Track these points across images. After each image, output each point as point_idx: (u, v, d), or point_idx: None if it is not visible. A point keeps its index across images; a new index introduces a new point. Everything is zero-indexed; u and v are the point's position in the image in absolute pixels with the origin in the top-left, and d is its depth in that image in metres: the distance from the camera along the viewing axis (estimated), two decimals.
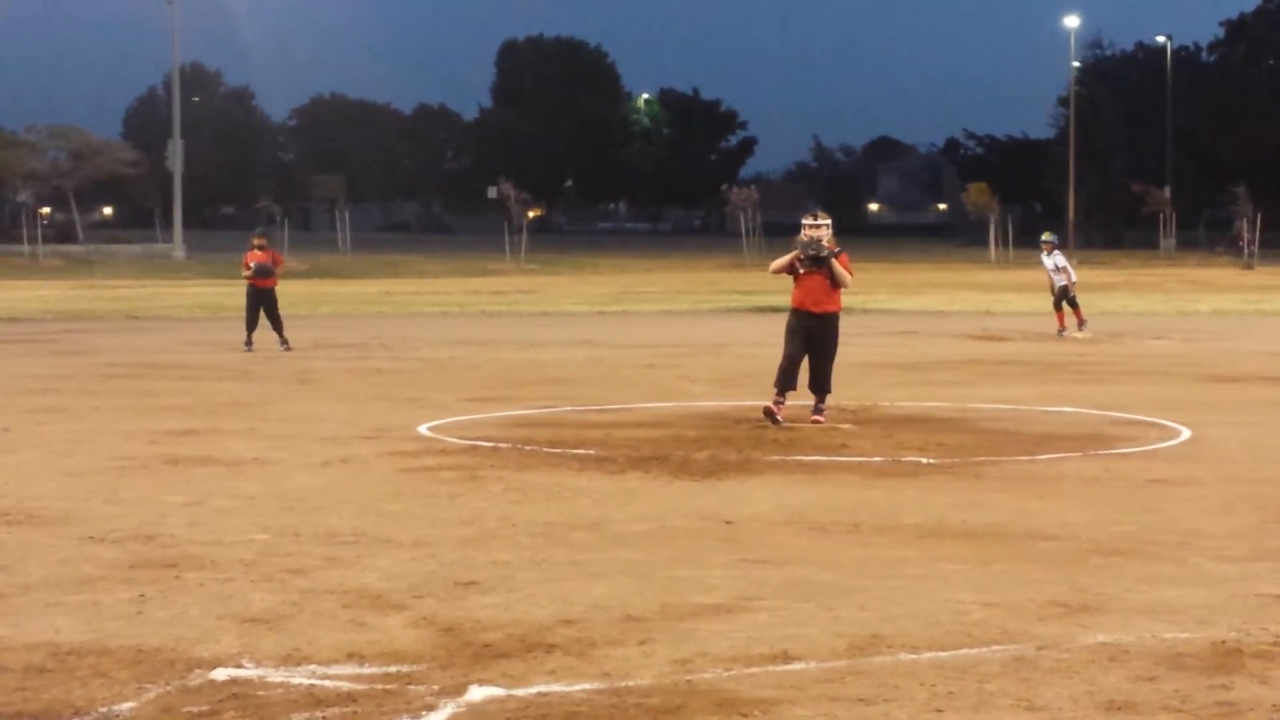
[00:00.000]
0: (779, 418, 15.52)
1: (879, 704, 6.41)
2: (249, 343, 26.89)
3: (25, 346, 28.80)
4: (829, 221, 16.24)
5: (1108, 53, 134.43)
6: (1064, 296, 30.73)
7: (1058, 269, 30.70)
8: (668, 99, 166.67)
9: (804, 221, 16.29)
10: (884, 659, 7.09)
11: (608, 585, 8.59)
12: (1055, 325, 30.90)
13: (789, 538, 10.09)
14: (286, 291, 27.91)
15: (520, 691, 6.57)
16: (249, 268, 27.34)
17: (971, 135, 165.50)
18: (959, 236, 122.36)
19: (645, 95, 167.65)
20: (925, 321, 36.76)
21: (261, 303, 27.20)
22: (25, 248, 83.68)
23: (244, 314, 27.50)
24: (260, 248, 27.59)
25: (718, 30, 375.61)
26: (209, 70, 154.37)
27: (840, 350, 16.40)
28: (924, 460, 13.48)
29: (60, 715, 6.27)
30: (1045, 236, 32.04)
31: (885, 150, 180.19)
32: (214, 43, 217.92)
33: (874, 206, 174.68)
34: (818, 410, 15.98)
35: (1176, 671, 6.88)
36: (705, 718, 6.24)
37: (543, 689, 6.62)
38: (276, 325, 27.16)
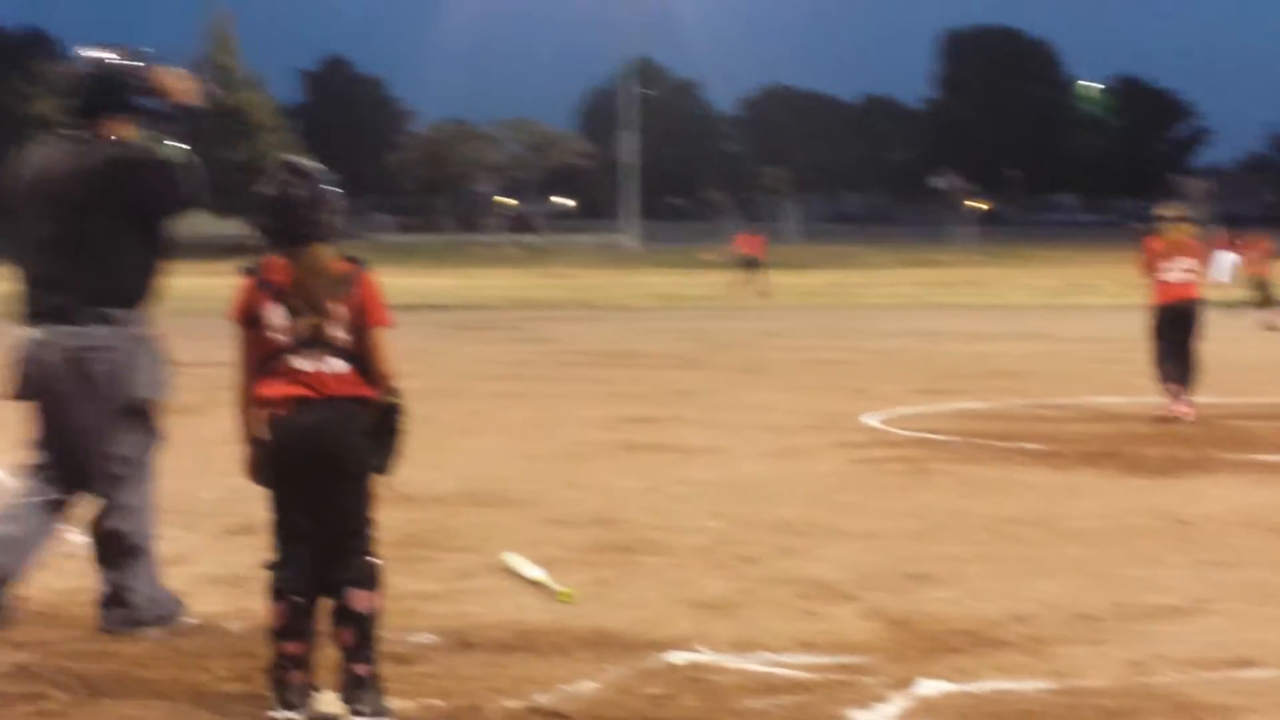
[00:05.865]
0: (1180, 413, 15.43)
1: None
2: None
3: (487, 333, 29.98)
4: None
5: None
6: None
7: None
8: (1115, 86, 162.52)
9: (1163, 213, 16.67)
10: None
11: (1059, 582, 8.50)
12: None
13: (1247, 539, 9.79)
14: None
15: (971, 687, 6.57)
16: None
17: None
18: None
19: (1097, 84, 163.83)
20: None
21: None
22: (487, 237, 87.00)
23: None
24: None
25: (1162, 16, 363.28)
26: (656, 65, 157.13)
27: None
28: None
29: (524, 692, 6.47)
30: None
31: None
32: (661, 37, 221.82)
33: None
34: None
35: None
36: None
37: (995, 685, 6.60)
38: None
